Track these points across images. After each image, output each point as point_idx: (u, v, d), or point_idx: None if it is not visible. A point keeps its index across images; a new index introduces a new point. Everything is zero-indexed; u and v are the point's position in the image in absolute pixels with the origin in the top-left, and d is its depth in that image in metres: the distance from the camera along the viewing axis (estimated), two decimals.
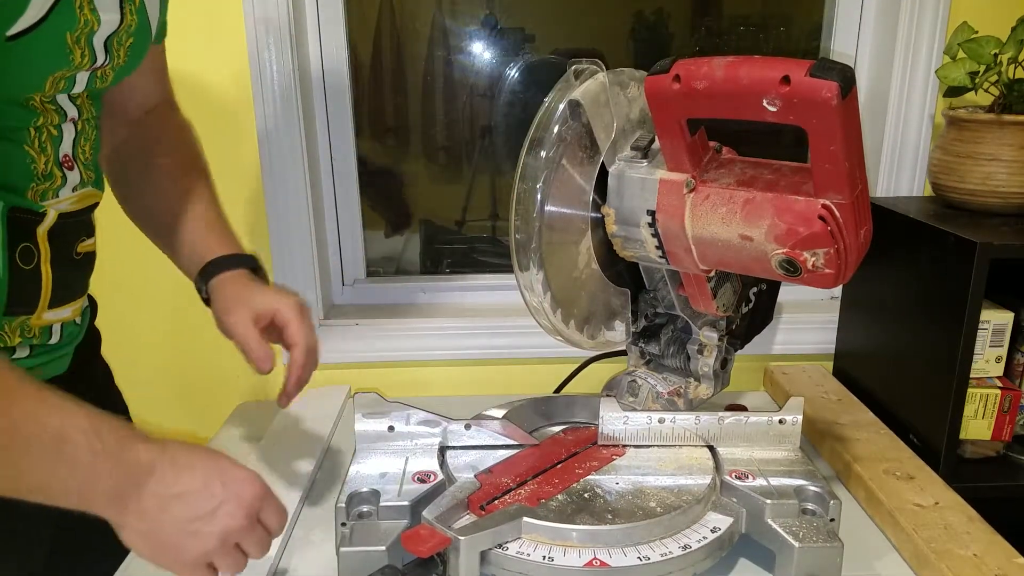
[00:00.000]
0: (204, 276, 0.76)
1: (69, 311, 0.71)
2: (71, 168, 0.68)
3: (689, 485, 0.73)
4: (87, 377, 0.77)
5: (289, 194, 1.11)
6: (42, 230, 0.65)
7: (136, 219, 0.82)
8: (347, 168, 1.21)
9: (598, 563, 0.65)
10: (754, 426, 0.78)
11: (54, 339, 0.70)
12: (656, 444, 0.80)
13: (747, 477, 0.73)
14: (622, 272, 0.81)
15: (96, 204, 0.73)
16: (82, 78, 0.64)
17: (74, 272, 0.71)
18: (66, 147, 0.67)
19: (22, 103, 0.61)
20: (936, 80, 1.08)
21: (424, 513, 0.67)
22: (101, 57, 0.64)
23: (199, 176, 0.83)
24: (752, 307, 0.83)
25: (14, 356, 0.66)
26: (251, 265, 0.78)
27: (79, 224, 0.70)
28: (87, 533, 0.63)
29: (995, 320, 0.94)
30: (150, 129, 0.83)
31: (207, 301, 0.77)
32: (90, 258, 0.74)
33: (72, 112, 0.67)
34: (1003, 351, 0.95)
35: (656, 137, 0.68)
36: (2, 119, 0.60)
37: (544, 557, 0.65)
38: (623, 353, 0.87)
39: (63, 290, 0.69)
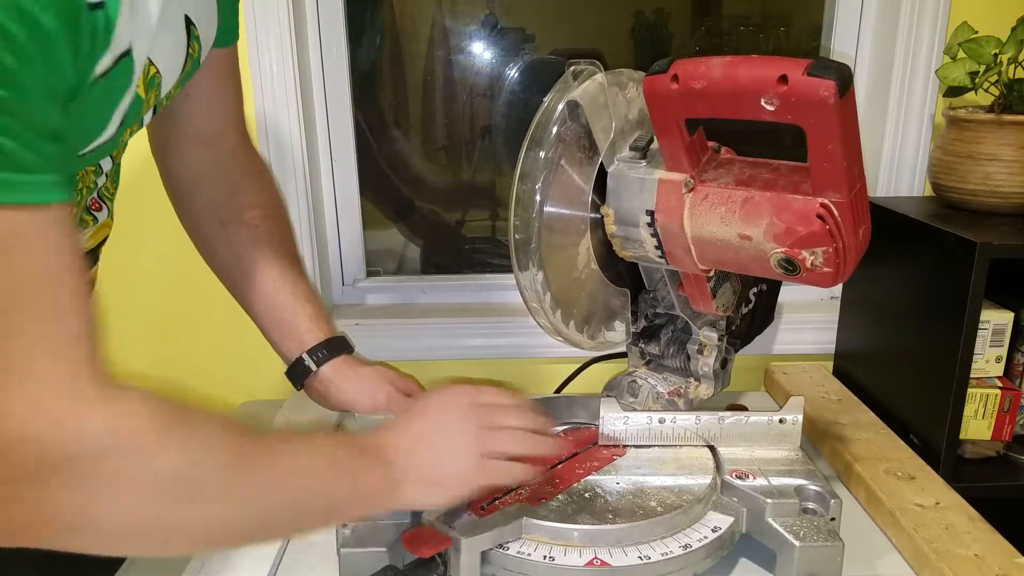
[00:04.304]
0: (316, 355, 0.82)
1: None
2: (99, 209, 0.67)
3: (690, 485, 0.73)
4: None
5: (289, 194, 1.11)
6: None
7: (220, 274, 0.83)
8: (347, 168, 1.21)
9: (599, 563, 0.65)
10: (754, 426, 0.78)
11: None
12: (656, 444, 0.80)
13: (748, 477, 0.73)
14: (622, 272, 0.81)
15: (107, 237, 0.72)
16: None
17: None
18: (94, 192, 0.66)
19: None
20: (936, 80, 1.08)
21: (425, 514, 0.67)
22: (147, 119, 0.63)
23: (287, 234, 0.84)
24: (752, 307, 0.83)
25: None
26: (350, 344, 0.86)
27: (86, 263, 0.69)
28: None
29: (995, 320, 0.94)
30: (234, 177, 0.81)
31: (301, 372, 0.82)
32: (89, 287, 0.73)
33: (108, 166, 0.66)
34: (1003, 351, 0.95)
35: (655, 137, 0.68)
36: None
37: (545, 557, 0.65)
38: (623, 355, 0.87)
39: None
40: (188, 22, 0.61)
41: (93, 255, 0.70)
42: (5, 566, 0.68)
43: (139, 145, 0.77)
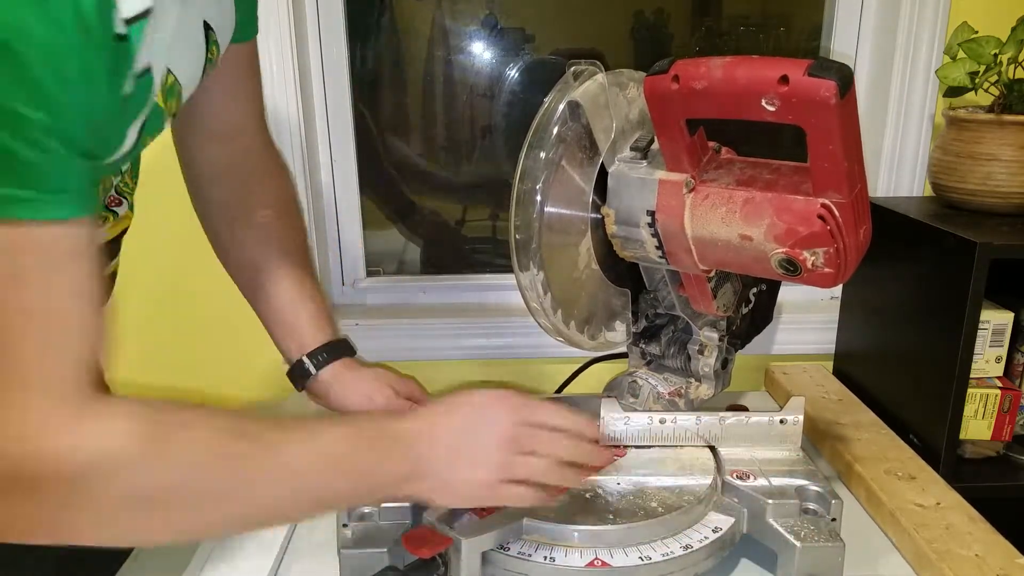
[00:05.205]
0: (316, 358, 0.81)
1: None
2: (119, 204, 0.67)
3: (690, 485, 0.73)
4: None
5: None
6: None
7: (231, 273, 0.83)
8: (347, 168, 1.21)
9: (599, 563, 0.65)
10: (755, 426, 0.78)
11: None
12: (657, 445, 0.80)
13: (748, 477, 0.73)
14: (622, 272, 0.81)
15: (127, 228, 0.72)
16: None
17: None
18: (111, 191, 0.66)
19: None
20: (936, 80, 1.08)
21: (425, 514, 0.67)
22: (166, 126, 0.63)
23: (298, 235, 0.84)
24: (752, 307, 0.83)
25: None
26: (352, 347, 0.85)
27: (107, 252, 0.69)
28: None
29: (995, 320, 0.94)
30: (248, 176, 0.81)
31: (301, 375, 0.82)
32: (112, 278, 0.73)
33: (126, 165, 0.66)
34: (1003, 351, 0.95)
35: (655, 137, 0.68)
36: None
37: (545, 558, 0.65)
38: (624, 355, 0.87)
39: None
40: (207, 27, 0.60)
41: (115, 245, 0.71)
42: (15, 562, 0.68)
43: (161, 137, 0.77)
